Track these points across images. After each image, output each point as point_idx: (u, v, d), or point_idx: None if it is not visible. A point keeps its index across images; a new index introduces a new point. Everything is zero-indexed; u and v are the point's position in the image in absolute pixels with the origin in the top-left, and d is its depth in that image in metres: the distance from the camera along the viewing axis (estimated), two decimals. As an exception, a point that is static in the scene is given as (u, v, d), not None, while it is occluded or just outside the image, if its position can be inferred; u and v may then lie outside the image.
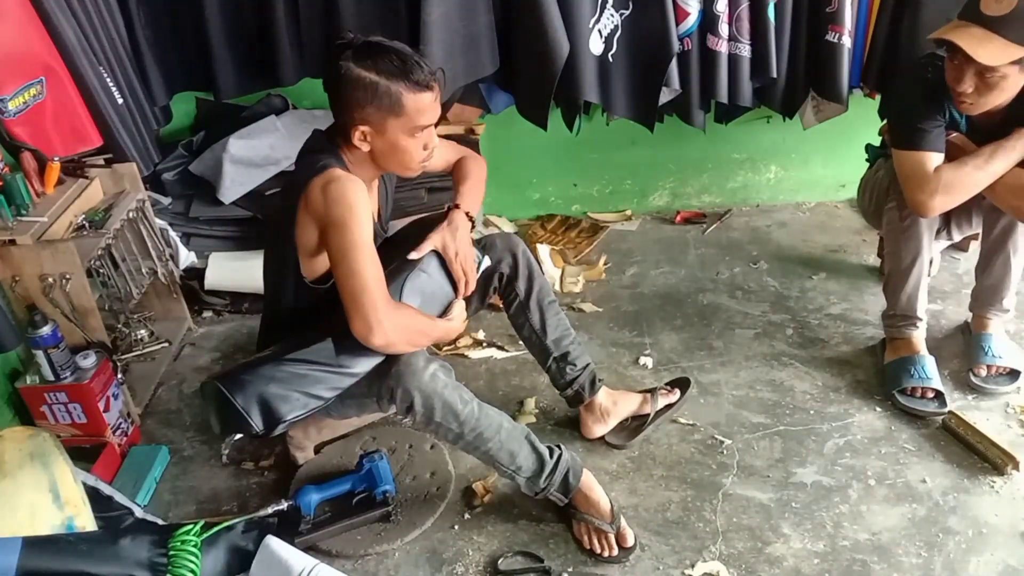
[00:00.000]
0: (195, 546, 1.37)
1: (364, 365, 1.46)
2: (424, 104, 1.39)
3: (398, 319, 1.38)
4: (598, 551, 1.53)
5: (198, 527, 1.39)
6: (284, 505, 1.58)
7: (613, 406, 1.80)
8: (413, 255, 1.54)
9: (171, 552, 1.35)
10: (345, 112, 1.40)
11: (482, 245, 1.70)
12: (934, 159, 1.72)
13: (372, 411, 1.65)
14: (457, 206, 1.63)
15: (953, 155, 1.73)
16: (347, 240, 1.36)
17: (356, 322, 1.35)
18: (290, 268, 1.50)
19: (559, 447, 1.58)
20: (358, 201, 1.37)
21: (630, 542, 1.53)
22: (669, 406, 1.87)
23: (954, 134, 1.76)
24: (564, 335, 1.77)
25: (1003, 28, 1.54)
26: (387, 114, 1.38)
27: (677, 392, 1.89)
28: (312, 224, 1.42)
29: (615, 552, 1.52)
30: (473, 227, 1.65)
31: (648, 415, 1.82)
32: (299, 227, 1.44)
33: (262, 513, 1.55)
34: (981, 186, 1.71)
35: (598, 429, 1.80)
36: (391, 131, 1.40)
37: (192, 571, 1.34)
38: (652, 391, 1.86)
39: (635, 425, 1.83)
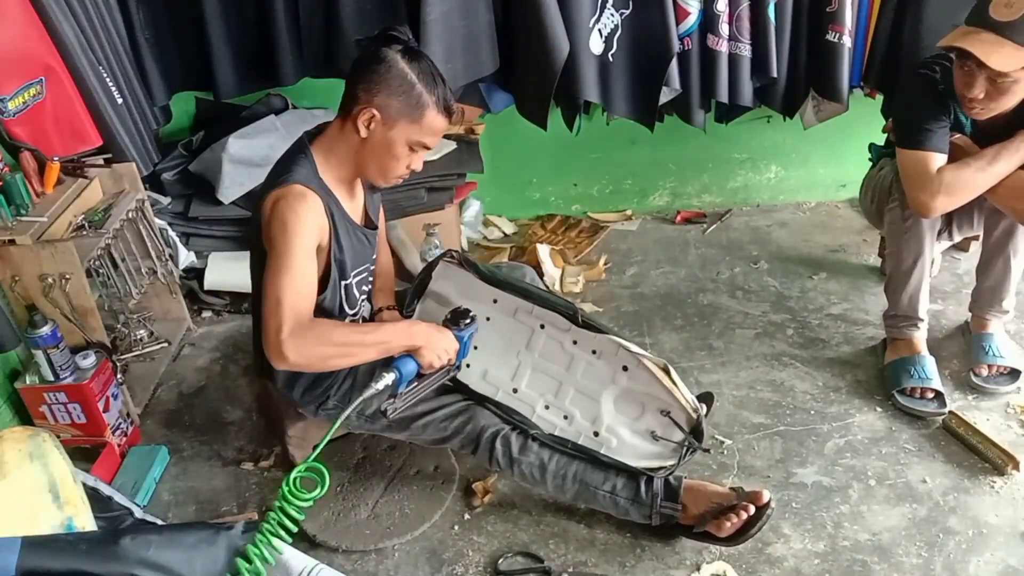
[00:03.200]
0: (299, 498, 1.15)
1: None
2: (438, 126, 1.43)
3: (306, 341, 1.30)
4: (737, 519, 1.44)
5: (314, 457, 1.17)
6: (390, 379, 1.40)
7: None
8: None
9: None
10: (365, 92, 1.38)
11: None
12: (937, 159, 1.72)
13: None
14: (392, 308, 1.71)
15: (955, 157, 1.72)
16: (274, 259, 1.35)
17: (264, 343, 1.32)
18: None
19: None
20: (296, 222, 1.34)
21: (765, 498, 1.46)
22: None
23: (956, 135, 1.75)
24: None
25: (1014, 33, 1.53)
26: (406, 114, 1.39)
27: (703, 407, 1.84)
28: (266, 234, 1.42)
29: (752, 511, 1.45)
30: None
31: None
32: (264, 237, 1.43)
33: (372, 391, 1.36)
34: (983, 188, 1.70)
35: None
36: (397, 131, 1.40)
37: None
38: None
39: None
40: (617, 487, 1.52)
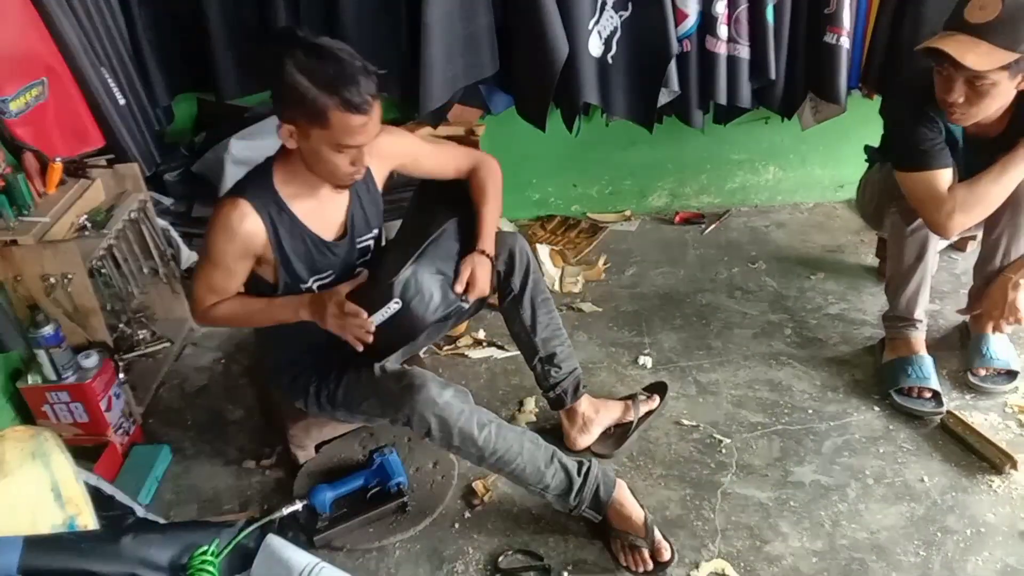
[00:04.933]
0: (215, 566, 1.35)
1: None
2: (352, 126, 1.35)
3: (205, 321, 1.59)
4: (633, 568, 1.49)
5: (214, 545, 1.34)
6: (299, 506, 1.58)
7: (595, 415, 1.78)
8: (458, 287, 1.55)
9: (190, 571, 1.33)
10: (278, 107, 1.40)
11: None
12: (944, 176, 1.71)
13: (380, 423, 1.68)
14: (480, 251, 1.60)
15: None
16: (200, 255, 1.53)
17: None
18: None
19: (589, 461, 1.56)
20: (218, 228, 1.46)
21: (666, 556, 1.48)
22: (650, 412, 1.85)
23: None
24: (553, 336, 1.75)
25: (988, 34, 1.54)
26: (312, 124, 1.35)
27: (656, 398, 1.87)
28: None
29: (649, 567, 1.48)
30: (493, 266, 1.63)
31: (631, 422, 1.80)
32: None
33: (277, 515, 1.53)
34: (999, 200, 1.70)
35: (582, 440, 1.77)
36: (314, 140, 1.37)
37: None
38: (632, 397, 1.84)
39: (619, 433, 1.81)
40: (549, 488, 1.52)
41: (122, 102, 2.05)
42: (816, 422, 1.85)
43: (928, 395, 1.84)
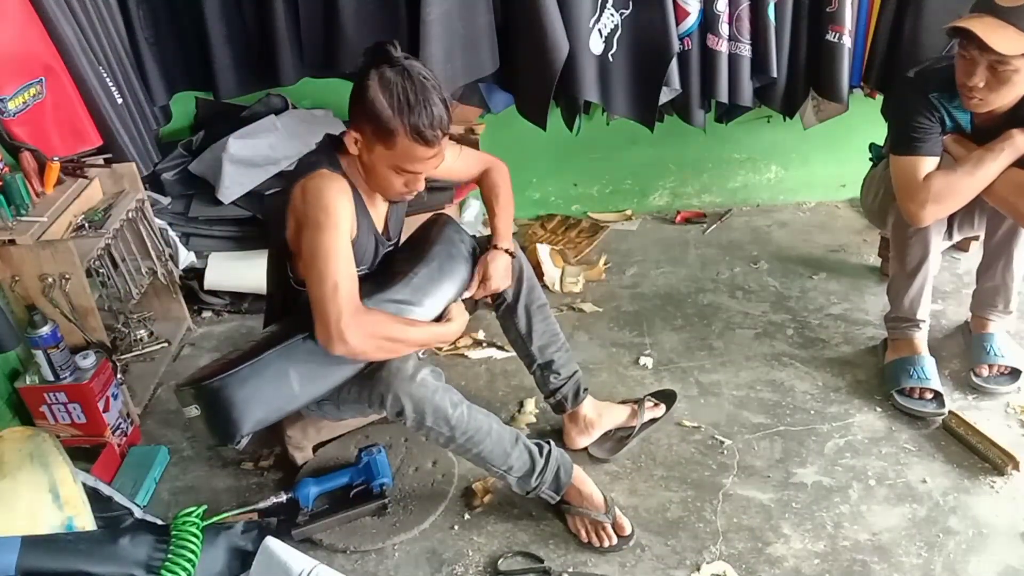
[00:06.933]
0: (197, 527, 1.38)
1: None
2: (415, 154, 1.37)
3: (364, 328, 1.33)
4: (597, 543, 1.53)
5: (201, 511, 1.41)
6: (283, 498, 1.60)
7: (598, 418, 1.78)
8: (466, 294, 1.64)
9: (173, 532, 1.36)
10: (351, 113, 1.41)
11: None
12: (927, 163, 1.72)
13: (370, 414, 1.65)
14: (495, 247, 1.67)
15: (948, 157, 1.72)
16: (317, 241, 1.34)
17: (319, 329, 1.33)
18: (282, 271, 1.53)
19: (548, 443, 1.59)
20: (335, 201, 1.37)
21: (628, 530, 1.54)
22: (653, 420, 1.84)
23: (947, 136, 1.75)
24: (550, 342, 1.74)
25: (1017, 19, 1.54)
26: (379, 139, 1.38)
27: (663, 407, 1.86)
28: (295, 224, 1.42)
29: (615, 541, 1.53)
30: (514, 257, 1.70)
31: (633, 428, 1.80)
32: (288, 229, 1.45)
33: (262, 505, 1.59)
34: (973, 193, 1.70)
35: (581, 440, 1.78)
36: (376, 155, 1.41)
37: (192, 551, 1.34)
38: (639, 403, 1.84)
39: (619, 436, 1.80)
40: (512, 469, 1.53)
41: (120, 101, 2.04)
42: (818, 423, 1.84)
43: (929, 396, 1.84)
